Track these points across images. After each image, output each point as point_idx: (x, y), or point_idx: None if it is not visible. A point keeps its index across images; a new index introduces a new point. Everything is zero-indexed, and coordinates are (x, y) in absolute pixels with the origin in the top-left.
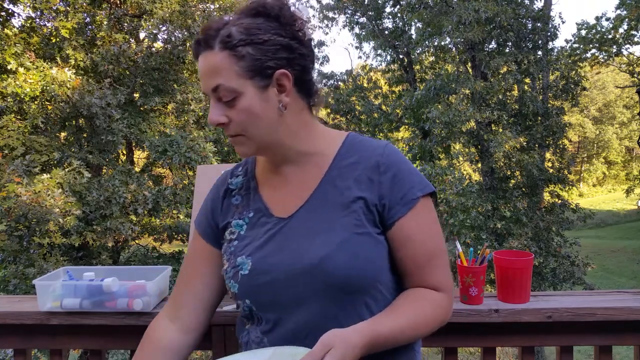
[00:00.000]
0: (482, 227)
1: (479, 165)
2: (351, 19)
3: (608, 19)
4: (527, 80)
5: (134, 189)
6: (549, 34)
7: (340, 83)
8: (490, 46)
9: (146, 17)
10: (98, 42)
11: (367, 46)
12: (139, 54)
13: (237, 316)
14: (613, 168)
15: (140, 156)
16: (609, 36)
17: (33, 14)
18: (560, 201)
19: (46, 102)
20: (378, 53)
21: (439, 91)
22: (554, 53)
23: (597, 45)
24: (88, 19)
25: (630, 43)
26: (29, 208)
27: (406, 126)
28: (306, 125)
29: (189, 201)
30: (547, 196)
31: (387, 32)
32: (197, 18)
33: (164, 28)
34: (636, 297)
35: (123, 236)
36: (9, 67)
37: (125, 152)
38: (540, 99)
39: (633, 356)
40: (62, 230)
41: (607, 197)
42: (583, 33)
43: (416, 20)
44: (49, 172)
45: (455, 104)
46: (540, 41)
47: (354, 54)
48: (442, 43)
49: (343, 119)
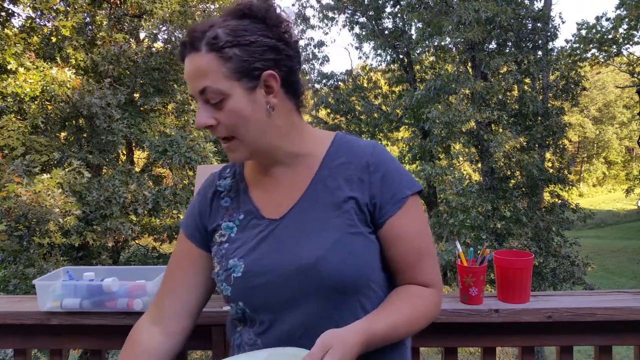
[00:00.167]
0: (482, 227)
1: (479, 165)
2: (351, 19)
3: (608, 19)
4: (527, 80)
5: (134, 189)
6: (549, 34)
7: (340, 83)
8: (490, 46)
9: (146, 17)
10: (98, 42)
11: (367, 46)
12: (139, 54)
13: (228, 319)
14: (613, 168)
15: (140, 156)
16: (609, 36)
17: (33, 14)
18: (560, 201)
19: (46, 102)
20: (378, 53)
21: (439, 91)
22: (554, 53)
23: (597, 45)
24: (88, 19)
25: (630, 43)
26: (29, 208)
27: (406, 126)
28: (295, 126)
29: (189, 201)
30: (547, 196)
31: (387, 32)
32: (197, 18)
33: (164, 28)
34: (636, 297)
35: (123, 236)
36: (9, 67)
37: (125, 152)
38: (540, 99)
39: (633, 356)
40: (62, 230)
41: (607, 197)
42: (583, 33)
43: (416, 20)
44: (49, 172)
45: (455, 104)
46: (540, 41)
47: (354, 54)
48: (442, 43)
49: (343, 119)
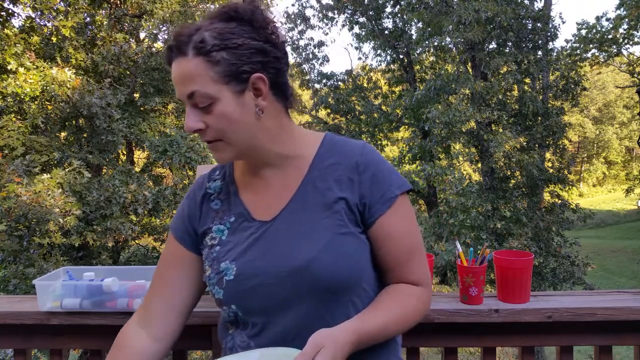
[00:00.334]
0: (482, 227)
1: (479, 165)
2: (351, 19)
3: (608, 19)
4: (527, 80)
5: (134, 189)
6: (549, 34)
7: (340, 83)
8: (490, 46)
9: (146, 17)
10: (98, 42)
11: (367, 46)
12: (139, 54)
13: (219, 321)
14: (613, 168)
15: (140, 156)
16: (609, 36)
17: (33, 14)
18: (560, 201)
19: (46, 102)
20: (378, 53)
21: (439, 91)
22: (554, 53)
23: (597, 45)
24: (88, 19)
25: (630, 43)
26: (29, 208)
27: (406, 126)
28: (284, 127)
29: None
30: (547, 196)
31: (387, 32)
32: (197, 18)
33: (164, 28)
34: (636, 297)
35: (123, 236)
36: (9, 67)
37: (125, 152)
38: (540, 99)
39: (633, 356)
40: (62, 230)
41: (607, 197)
42: (583, 33)
43: (416, 20)
44: (49, 172)
45: (455, 104)
46: (540, 41)
47: (354, 54)
48: (442, 43)
49: (343, 119)
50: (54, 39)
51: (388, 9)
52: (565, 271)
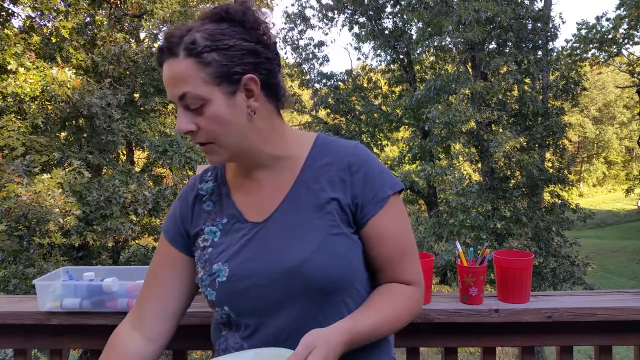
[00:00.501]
0: (482, 227)
1: (479, 165)
2: (351, 19)
3: (608, 19)
4: (527, 80)
5: (134, 189)
6: (549, 34)
7: (340, 83)
8: (490, 46)
9: (146, 17)
10: (98, 42)
11: (367, 46)
12: (139, 54)
13: (212, 323)
14: (613, 168)
15: (140, 156)
16: (609, 36)
17: (33, 14)
18: (560, 201)
19: (46, 102)
20: (377, 53)
21: (439, 91)
22: (554, 53)
23: (597, 45)
24: (88, 19)
25: (630, 43)
26: (29, 208)
27: (406, 126)
28: (276, 128)
29: None
30: (547, 196)
31: (387, 32)
32: (197, 18)
33: (164, 28)
34: (636, 297)
35: (123, 236)
36: (9, 67)
37: (125, 152)
38: (540, 99)
39: (633, 356)
40: (62, 230)
41: (607, 197)
42: (583, 33)
43: (416, 20)
44: (49, 172)
45: (455, 104)
46: (540, 41)
47: (354, 54)
48: (442, 43)
49: (343, 119)
50: (54, 39)
51: (388, 9)
52: (565, 271)
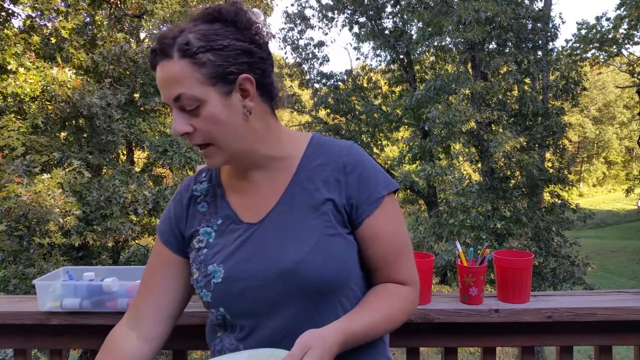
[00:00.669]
0: (482, 227)
1: (479, 165)
2: (351, 19)
3: (608, 19)
4: (527, 80)
5: (134, 189)
6: (549, 34)
7: (340, 83)
8: (490, 46)
9: (147, 17)
10: (99, 42)
11: (367, 46)
12: (140, 54)
13: (207, 324)
14: (613, 168)
15: (140, 156)
16: (609, 36)
17: (33, 14)
18: (560, 201)
19: (46, 102)
20: (377, 53)
21: (439, 91)
22: (554, 53)
23: (597, 45)
24: (88, 19)
25: (630, 43)
26: (29, 208)
27: (406, 126)
28: (271, 128)
29: None
30: (547, 196)
31: (387, 32)
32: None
33: (165, 28)
34: (636, 297)
35: (123, 236)
36: (9, 67)
37: (125, 152)
38: (540, 99)
39: (633, 356)
40: (62, 230)
41: (607, 197)
42: (583, 33)
43: (416, 20)
44: (49, 172)
45: (455, 104)
46: (540, 41)
47: (354, 54)
48: (442, 43)
49: (343, 119)
50: (54, 40)
51: (388, 9)
52: (565, 271)
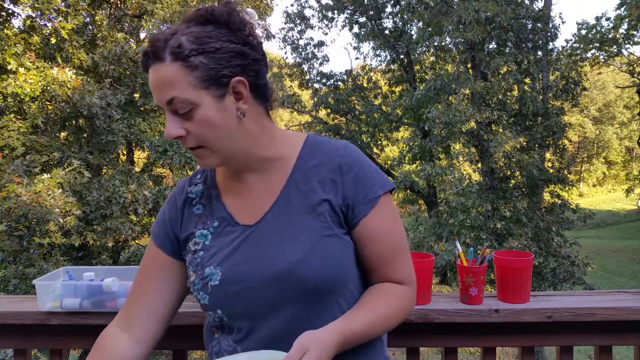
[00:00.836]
0: (482, 227)
1: (479, 165)
2: (351, 19)
3: (608, 19)
4: (527, 80)
5: (134, 189)
6: (549, 34)
7: (340, 83)
8: (490, 46)
9: (147, 17)
10: (99, 42)
11: (367, 46)
12: (140, 54)
13: (204, 326)
14: (613, 168)
15: (140, 156)
16: (609, 36)
17: (33, 14)
18: (560, 201)
19: (46, 102)
20: (377, 53)
21: (439, 91)
22: (554, 53)
23: (598, 45)
24: (88, 19)
25: (630, 43)
26: (29, 208)
27: (406, 126)
28: (266, 130)
29: None
30: (547, 196)
31: (387, 32)
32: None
33: (165, 28)
34: (636, 297)
35: (123, 236)
36: (9, 67)
37: (125, 152)
38: (540, 99)
39: (633, 356)
40: (62, 230)
41: (607, 197)
42: (583, 33)
43: (416, 20)
44: (49, 172)
45: (455, 104)
46: (540, 41)
47: (354, 54)
48: (442, 43)
49: (343, 119)
50: (54, 40)
51: (388, 9)
52: (565, 271)
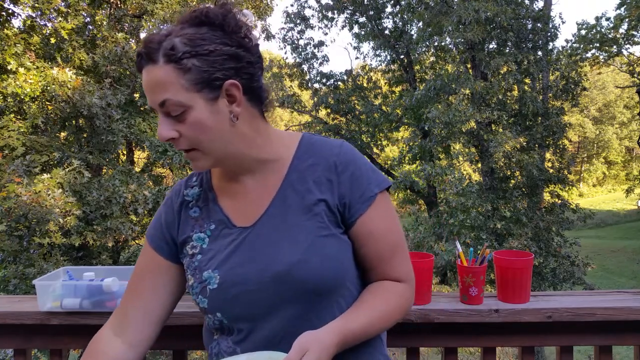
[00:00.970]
0: (482, 227)
1: (479, 165)
2: (351, 19)
3: (608, 19)
4: (527, 80)
5: (134, 189)
6: (549, 34)
7: (340, 83)
8: (490, 46)
9: (147, 17)
10: (99, 42)
11: (366, 46)
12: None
13: (203, 327)
14: (613, 168)
15: (140, 156)
16: (609, 36)
17: (33, 14)
18: (560, 201)
19: (46, 102)
20: (377, 53)
21: (439, 91)
22: (554, 53)
23: (598, 45)
24: (88, 19)
25: (630, 43)
26: (29, 208)
27: (406, 126)
28: (260, 132)
29: None
30: (547, 196)
31: (387, 32)
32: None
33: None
34: (636, 297)
35: (123, 236)
36: (9, 67)
37: (125, 152)
38: (540, 99)
39: (633, 356)
40: (62, 230)
41: (607, 197)
42: (583, 33)
43: (416, 20)
44: (49, 172)
45: (455, 104)
46: (540, 41)
47: (354, 54)
48: (442, 43)
49: (343, 119)
50: (54, 40)
51: (388, 9)
52: (565, 271)
